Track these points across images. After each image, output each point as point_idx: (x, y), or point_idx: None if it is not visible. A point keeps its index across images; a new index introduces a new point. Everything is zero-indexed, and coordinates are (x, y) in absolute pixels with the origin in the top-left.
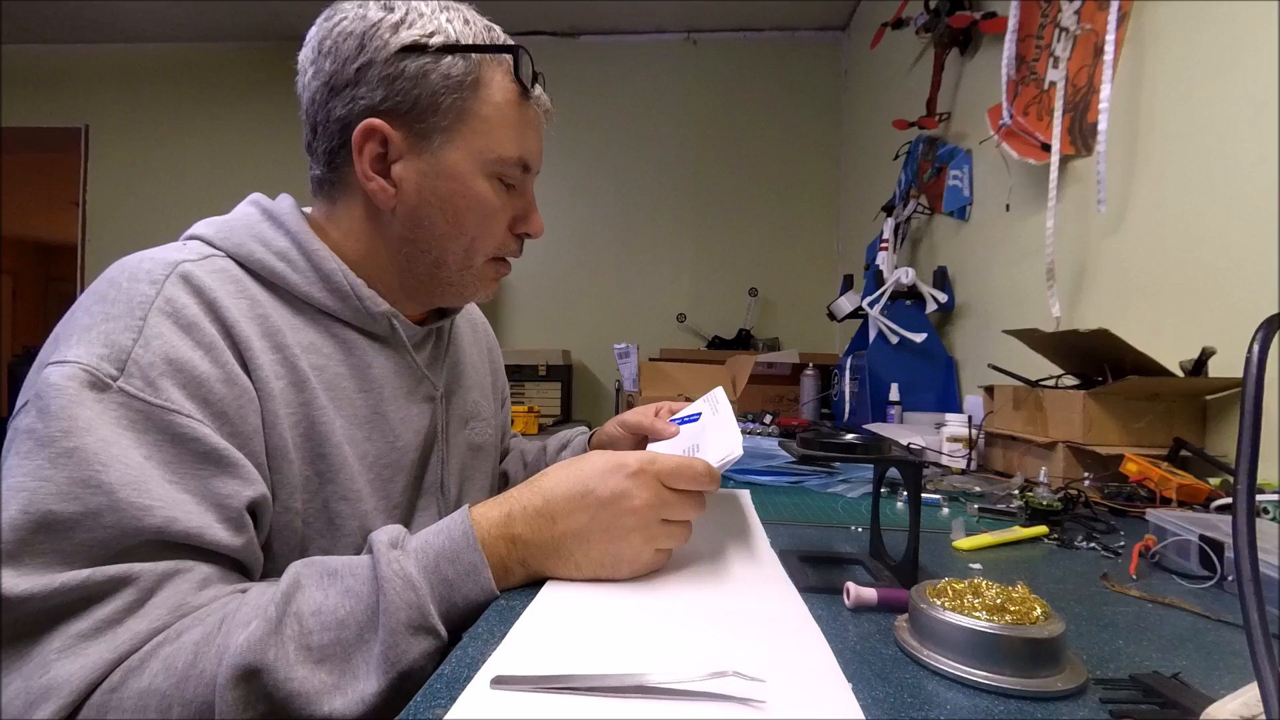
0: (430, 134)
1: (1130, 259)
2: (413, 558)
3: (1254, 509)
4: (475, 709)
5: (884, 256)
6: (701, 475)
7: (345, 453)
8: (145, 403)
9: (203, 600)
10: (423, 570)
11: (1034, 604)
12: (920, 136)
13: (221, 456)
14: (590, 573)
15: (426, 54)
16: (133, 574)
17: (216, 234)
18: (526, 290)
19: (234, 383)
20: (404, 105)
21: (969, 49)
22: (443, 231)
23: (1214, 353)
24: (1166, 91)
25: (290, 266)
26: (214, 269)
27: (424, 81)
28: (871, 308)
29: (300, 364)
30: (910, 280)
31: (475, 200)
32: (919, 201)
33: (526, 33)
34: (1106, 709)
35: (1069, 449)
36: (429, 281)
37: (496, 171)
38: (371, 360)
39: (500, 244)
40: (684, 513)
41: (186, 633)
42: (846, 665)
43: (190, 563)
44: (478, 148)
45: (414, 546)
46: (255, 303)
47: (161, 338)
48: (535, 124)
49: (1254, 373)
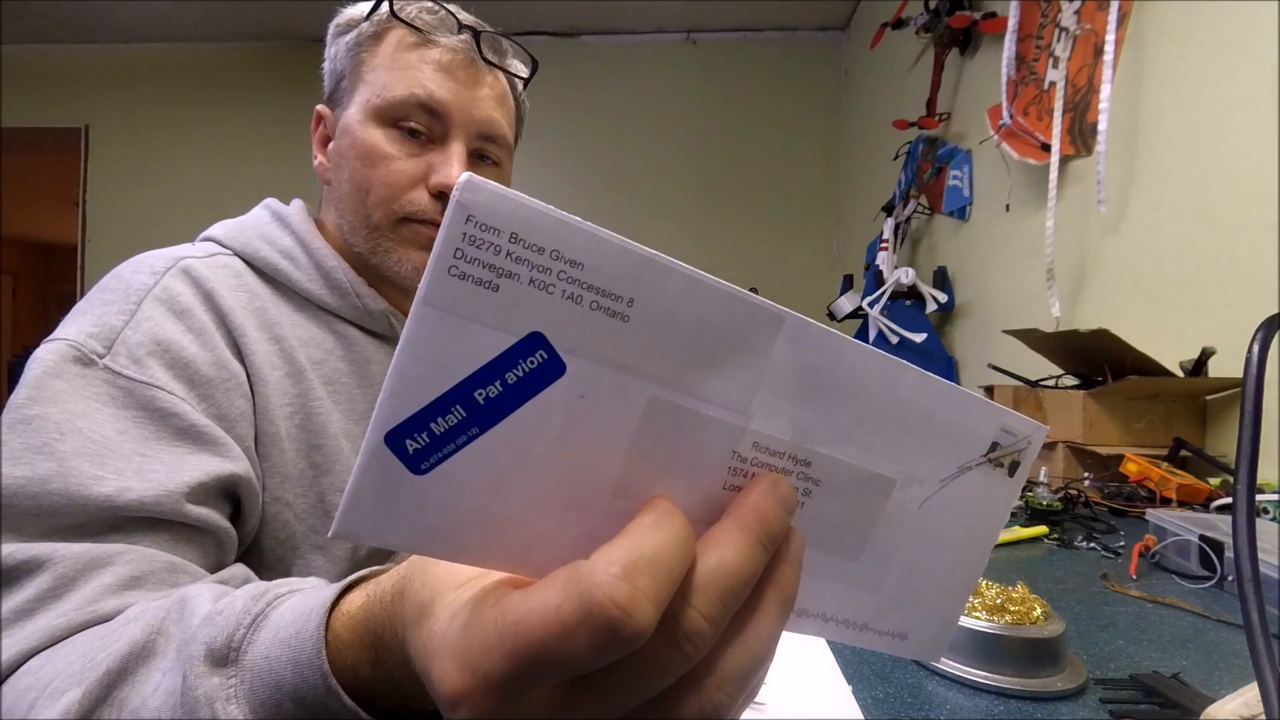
0: (341, 101)
1: (1130, 259)
2: (245, 691)
3: (1254, 509)
4: None
5: (884, 256)
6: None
7: (342, 445)
8: (128, 379)
9: (111, 608)
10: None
11: (1034, 604)
12: (920, 136)
13: (201, 433)
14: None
15: (340, 35)
16: (54, 556)
17: (226, 234)
18: None
19: (223, 366)
20: (331, 86)
21: (969, 49)
22: (347, 190)
23: (1214, 353)
24: (1166, 91)
25: (293, 264)
26: (218, 265)
27: (338, 58)
28: (871, 308)
29: (298, 356)
30: (910, 280)
31: (364, 149)
32: (919, 201)
33: (527, 33)
34: (1106, 709)
35: (1069, 449)
36: (364, 254)
37: (391, 117)
38: (371, 356)
39: (406, 200)
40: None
41: (48, 665)
42: (847, 665)
43: (125, 547)
44: (365, 97)
45: (250, 660)
46: (255, 296)
47: (152, 320)
48: (441, 64)
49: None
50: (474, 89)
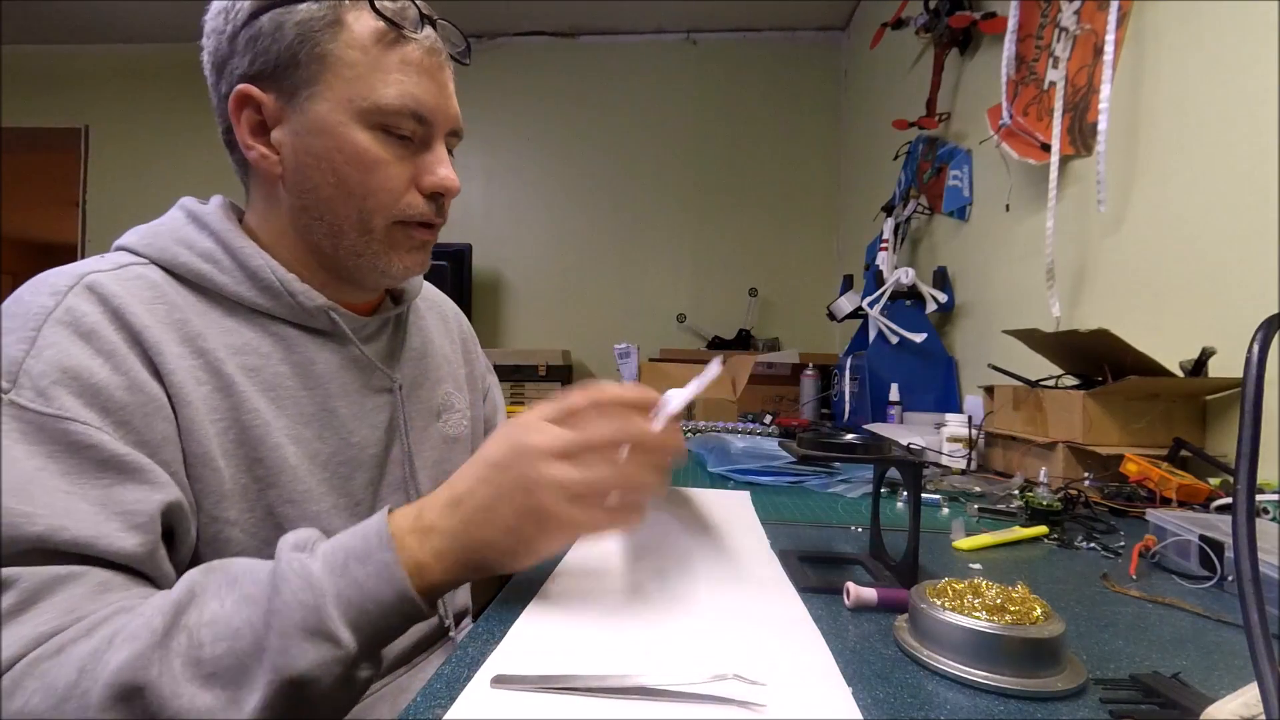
0: (296, 89)
1: (1130, 259)
2: (320, 559)
3: (1254, 509)
4: (476, 709)
5: (884, 256)
6: (611, 398)
7: (287, 454)
8: (37, 413)
9: (100, 607)
10: (329, 570)
11: (1034, 604)
12: (920, 136)
13: (124, 463)
14: (510, 549)
15: (278, 7)
16: (12, 577)
17: (140, 241)
18: (526, 290)
19: (139, 389)
20: (268, 66)
21: (969, 49)
22: (328, 194)
23: (1214, 353)
24: (1166, 91)
25: (216, 268)
26: (129, 277)
27: (279, 35)
28: (871, 308)
29: (226, 368)
30: (910, 280)
31: (354, 154)
32: (919, 201)
33: (527, 33)
34: (1106, 709)
35: (1069, 449)
36: (337, 256)
37: (378, 121)
38: (314, 356)
39: (404, 204)
40: (598, 448)
41: (72, 646)
42: (846, 665)
43: (83, 568)
44: (346, 96)
45: (324, 549)
46: (174, 308)
47: (56, 347)
48: (423, 66)
49: (1254, 373)
50: (445, 86)
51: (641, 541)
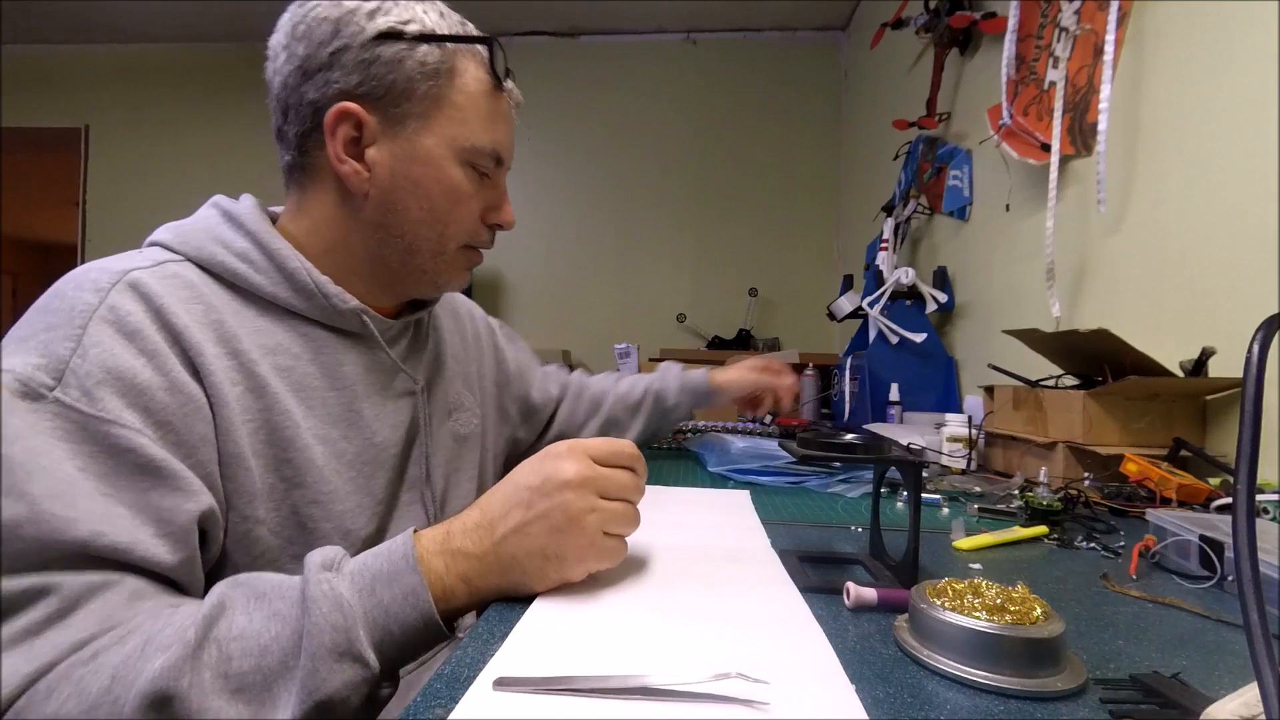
0: (405, 119)
1: (1130, 259)
2: (347, 579)
3: (1254, 509)
4: (477, 710)
5: (884, 256)
6: (628, 454)
7: (314, 454)
8: (81, 413)
9: (134, 614)
10: (357, 592)
11: (1034, 604)
12: (920, 136)
13: (160, 468)
14: (538, 571)
15: (402, 41)
16: (53, 584)
17: (175, 239)
18: (526, 290)
19: (179, 391)
20: (379, 90)
21: (969, 49)
22: (416, 216)
23: (1214, 353)
24: (1166, 91)
25: (252, 267)
26: (167, 275)
27: (399, 67)
28: (871, 308)
29: (259, 369)
30: (910, 280)
31: (449, 186)
32: (919, 201)
33: (526, 33)
34: (1106, 709)
35: (1069, 449)
36: (401, 270)
37: (470, 160)
38: (343, 358)
39: (472, 232)
40: (620, 489)
41: (105, 653)
42: (846, 665)
43: (119, 575)
44: (451, 135)
45: (350, 569)
46: (210, 308)
47: (100, 346)
48: (507, 117)
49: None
50: (513, 133)
51: (643, 541)
